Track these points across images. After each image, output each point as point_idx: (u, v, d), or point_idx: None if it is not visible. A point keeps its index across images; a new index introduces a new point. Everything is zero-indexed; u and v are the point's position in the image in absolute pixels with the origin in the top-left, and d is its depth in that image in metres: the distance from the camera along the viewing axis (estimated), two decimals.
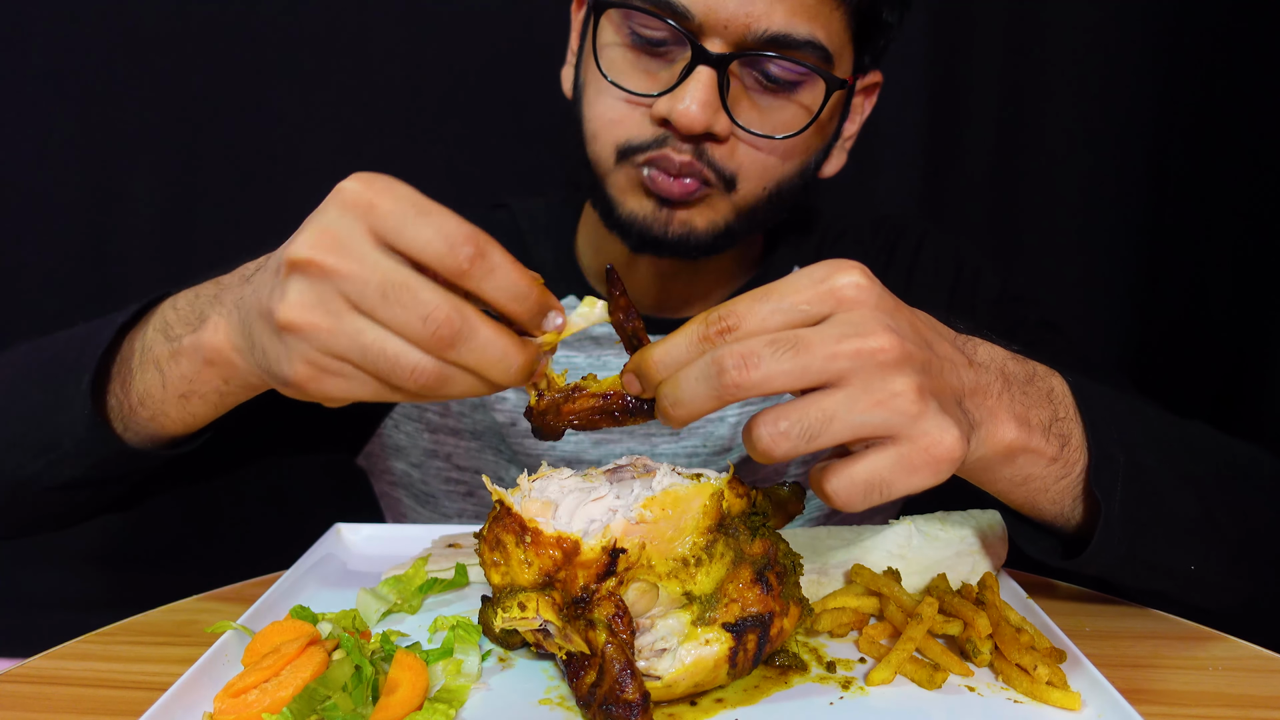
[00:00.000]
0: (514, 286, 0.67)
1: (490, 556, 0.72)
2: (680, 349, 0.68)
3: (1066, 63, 1.73)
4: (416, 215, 0.65)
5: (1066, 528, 0.87)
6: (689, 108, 0.96)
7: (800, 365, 0.64)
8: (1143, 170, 1.75)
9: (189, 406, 0.86)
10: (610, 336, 1.23)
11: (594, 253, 1.25)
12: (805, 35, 0.97)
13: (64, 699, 0.77)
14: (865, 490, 0.66)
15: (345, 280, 0.64)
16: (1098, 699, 0.72)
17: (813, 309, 0.66)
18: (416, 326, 0.63)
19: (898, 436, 0.65)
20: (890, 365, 0.65)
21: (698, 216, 1.05)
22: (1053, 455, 0.80)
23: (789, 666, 0.79)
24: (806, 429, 0.64)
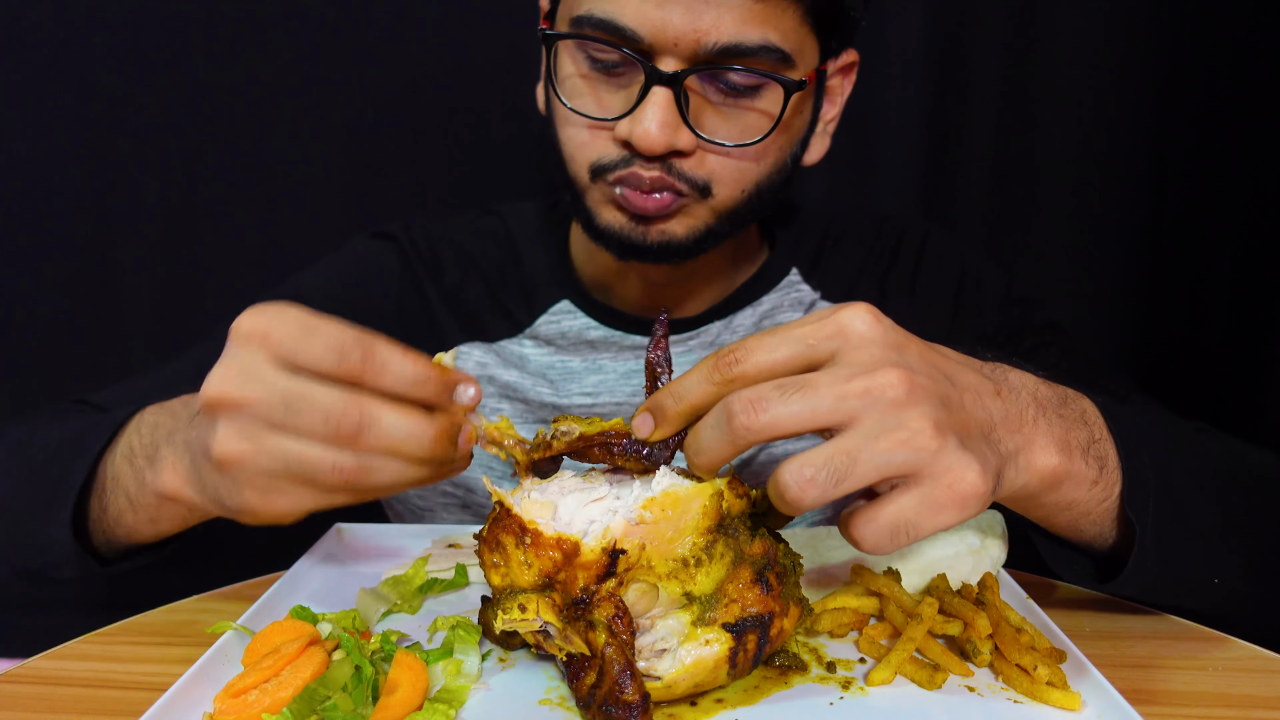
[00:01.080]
0: (410, 375, 0.70)
1: (490, 558, 0.72)
2: (691, 384, 0.69)
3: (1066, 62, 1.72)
4: (304, 334, 0.69)
5: (1103, 549, 0.88)
6: (648, 129, 0.96)
7: (809, 406, 0.64)
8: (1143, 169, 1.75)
9: (159, 528, 0.91)
10: (606, 340, 1.22)
11: (588, 257, 1.25)
12: (758, 41, 0.96)
13: (64, 699, 0.77)
14: (892, 533, 0.65)
15: (255, 406, 0.69)
16: (1098, 699, 0.72)
17: (820, 345, 0.67)
18: (321, 427, 0.67)
19: (920, 475, 0.65)
20: (902, 402, 0.64)
21: (676, 224, 1.05)
22: (1094, 479, 0.80)
23: (789, 666, 0.79)
24: (833, 473, 0.63)
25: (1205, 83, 1.68)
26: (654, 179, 1.01)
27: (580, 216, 1.09)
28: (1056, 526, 0.85)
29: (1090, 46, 1.71)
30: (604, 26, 0.97)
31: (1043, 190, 1.78)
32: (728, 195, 1.05)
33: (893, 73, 1.72)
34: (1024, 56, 1.73)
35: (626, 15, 0.95)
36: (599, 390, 1.21)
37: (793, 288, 1.27)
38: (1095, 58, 1.72)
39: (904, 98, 1.73)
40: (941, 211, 1.78)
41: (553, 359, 1.23)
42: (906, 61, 1.72)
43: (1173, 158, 1.73)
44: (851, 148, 1.74)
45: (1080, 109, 1.73)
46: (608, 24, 0.96)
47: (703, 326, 1.23)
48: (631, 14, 0.95)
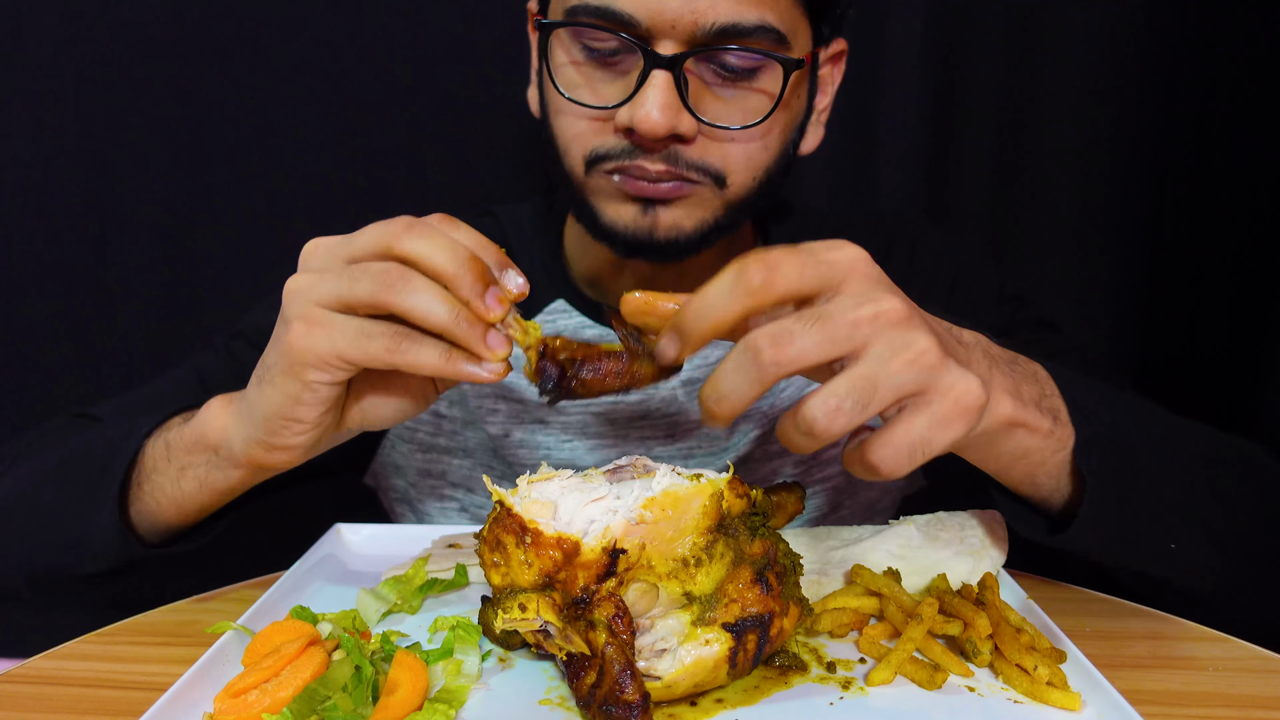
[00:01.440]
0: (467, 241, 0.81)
1: (490, 557, 0.72)
2: (718, 295, 0.69)
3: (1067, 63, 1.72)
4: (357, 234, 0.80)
5: (1058, 505, 0.89)
6: (649, 113, 0.95)
7: (828, 335, 0.66)
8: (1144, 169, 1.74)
9: (182, 483, 0.93)
10: (600, 339, 1.22)
11: (582, 255, 1.24)
12: (755, 21, 0.96)
13: (64, 699, 0.77)
14: (909, 453, 0.67)
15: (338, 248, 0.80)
16: (1098, 699, 0.72)
17: (835, 270, 0.69)
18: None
19: (927, 392, 0.67)
20: (905, 324, 0.67)
21: (685, 217, 1.05)
22: (1048, 429, 0.81)
23: (789, 667, 0.79)
24: (857, 400, 0.65)
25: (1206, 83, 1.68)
26: (660, 172, 1.01)
27: (582, 214, 1.09)
28: (1014, 480, 0.86)
29: (1090, 47, 1.71)
30: (600, 13, 0.96)
31: (1043, 191, 1.77)
32: (740, 183, 1.05)
33: (893, 73, 1.72)
34: (1024, 56, 1.72)
35: (621, 0, 0.95)
36: None
37: None
38: (1095, 58, 1.71)
39: (904, 98, 1.73)
40: (941, 212, 1.78)
41: None
42: (906, 61, 1.72)
43: (1173, 157, 1.72)
44: (851, 148, 1.74)
45: (1080, 109, 1.73)
46: (604, 10, 0.96)
47: None
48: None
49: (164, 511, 0.95)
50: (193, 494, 0.92)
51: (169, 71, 1.70)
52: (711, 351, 1.23)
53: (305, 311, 0.77)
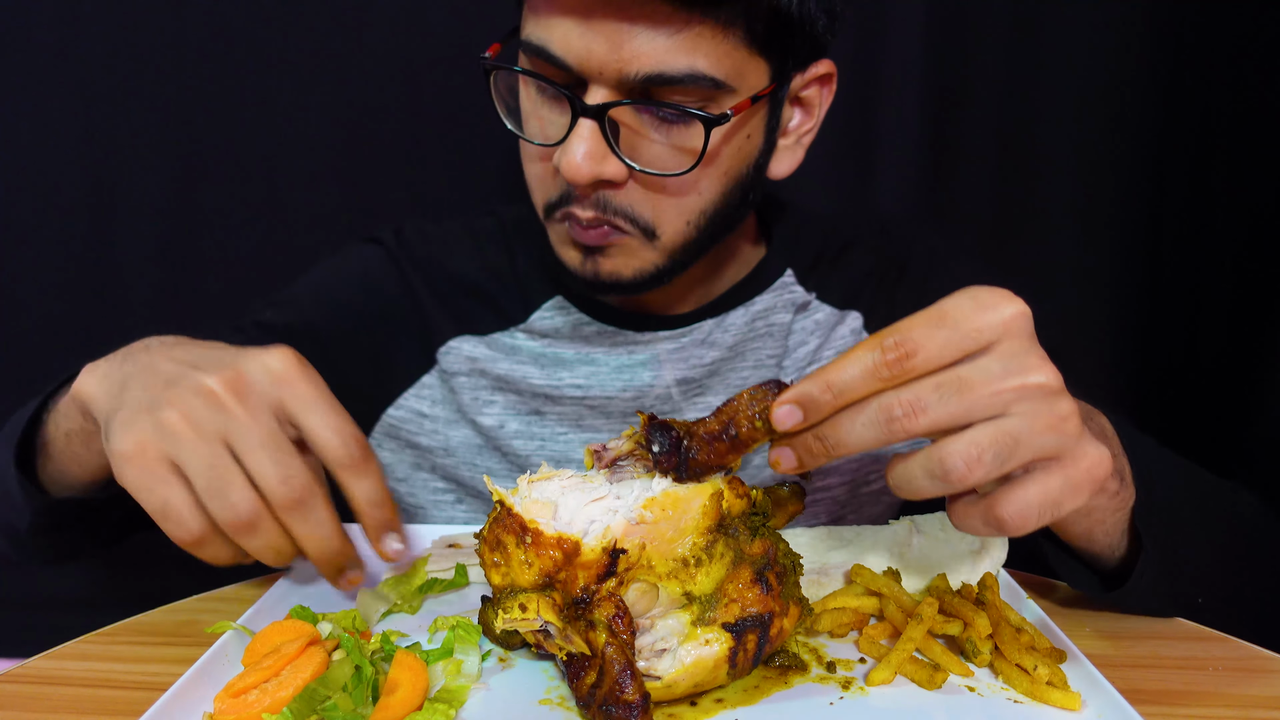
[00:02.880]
0: (379, 494, 0.79)
1: (490, 557, 0.72)
2: (854, 376, 0.68)
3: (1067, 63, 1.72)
4: (327, 408, 0.78)
5: (1110, 561, 0.91)
6: (572, 159, 0.94)
7: (965, 407, 0.67)
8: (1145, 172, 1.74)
9: (71, 447, 0.93)
10: (601, 334, 1.23)
11: None
12: (684, 69, 0.92)
13: (64, 699, 0.77)
14: (1039, 512, 0.68)
15: (234, 421, 0.75)
16: (1098, 699, 0.72)
17: (982, 336, 0.68)
18: (273, 479, 0.75)
19: (1061, 458, 0.68)
20: (1053, 392, 0.68)
21: (622, 266, 1.05)
22: (1115, 490, 0.83)
23: (789, 666, 0.79)
24: (999, 454, 0.66)
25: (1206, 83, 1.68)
26: (590, 219, 1.01)
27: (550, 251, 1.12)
28: (1071, 534, 0.87)
29: (1090, 47, 1.71)
30: (539, 54, 0.95)
31: (1043, 191, 1.77)
32: (674, 232, 1.03)
33: (893, 73, 1.72)
34: (1024, 57, 1.72)
35: (554, 43, 0.93)
36: (591, 381, 1.22)
37: (786, 289, 1.27)
38: (1095, 58, 1.71)
39: (904, 98, 1.73)
40: (941, 212, 1.78)
41: (545, 348, 1.23)
42: (906, 62, 1.72)
43: (1173, 157, 1.72)
44: (852, 150, 1.74)
45: (1080, 109, 1.73)
46: (542, 51, 0.95)
47: (695, 324, 1.23)
48: (559, 41, 0.93)
49: (70, 470, 0.96)
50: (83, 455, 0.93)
51: (169, 71, 1.70)
52: (706, 353, 1.22)
53: (146, 444, 0.75)
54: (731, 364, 1.24)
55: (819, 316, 1.28)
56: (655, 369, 1.22)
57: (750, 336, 1.24)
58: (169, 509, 0.75)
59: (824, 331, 1.27)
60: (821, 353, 1.27)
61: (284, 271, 1.33)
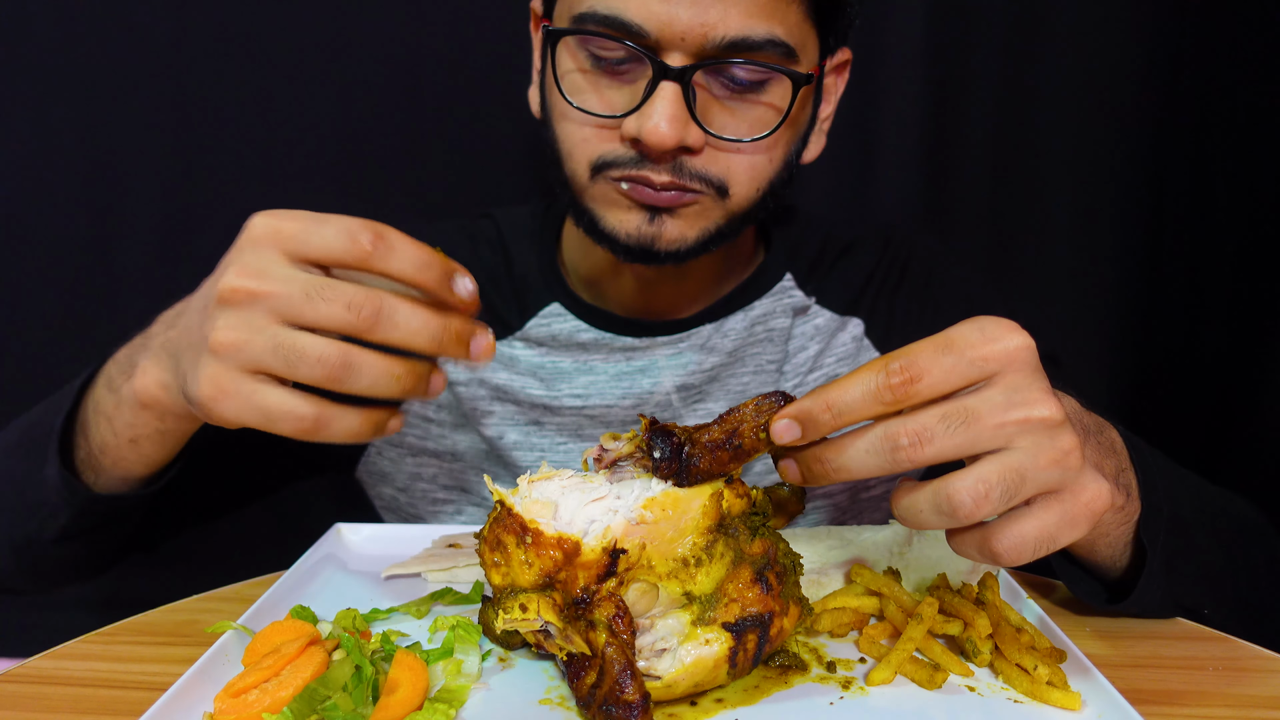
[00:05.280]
0: (416, 258, 0.73)
1: (491, 557, 0.72)
2: (855, 401, 0.68)
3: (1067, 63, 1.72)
4: (316, 224, 0.74)
5: (1113, 571, 0.92)
6: (657, 125, 0.95)
7: (970, 438, 0.67)
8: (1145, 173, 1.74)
9: (140, 449, 0.93)
10: (597, 343, 1.22)
11: (580, 259, 1.24)
12: (764, 35, 0.96)
13: (64, 699, 0.77)
14: (1035, 547, 0.69)
15: (270, 299, 0.72)
16: (1098, 699, 0.72)
17: (988, 366, 0.68)
18: (342, 314, 0.71)
19: (1061, 491, 0.69)
20: (1055, 426, 0.68)
21: (689, 228, 1.05)
22: (1120, 505, 0.84)
23: (789, 666, 0.79)
24: (1006, 489, 0.67)
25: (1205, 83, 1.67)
26: (665, 183, 1.00)
27: (582, 219, 1.08)
28: (1074, 546, 0.89)
29: (1090, 47, 1.71)
30: (609, 23, 0.96)
31: (1042, 192, 1.77)
32: (743, 194, 1.05)
33: (893, 76, 1.72)
34: (1024, 57, 1.72)
35: (632, 10, 0.95)
36: (589, 391, 1.21)
37: (785, 293, 1.27)
38: (1095, 58, 1.71)
39: (904, 101, 1.73)
40: (941, 213, 1.78)
41: (543, 359, 1.22)
42: (907, 64, 1.72)
43: (1173, 158, 1.72)
44: (851, 151, 1.74)
45: (1080, 110, 1.73)
46: (613, 20, 0.96)
47: (694, 329, 1.23)
48: (637, 9, 0.95)
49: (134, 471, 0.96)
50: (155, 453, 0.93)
51: (169, 71, 1.70)
52: (705, 359, 1.22)
53: (218, 374, 0.73)
54: (731, 369, 1.24)
55: (819, 321, 1.27)
56: (654, 376, 1.22)
57: (750, 341, 1.24)
58: (272, 410, 0.73)
59: (824, 338, 1.27)
60: (822, 359, 1.26)
61: None
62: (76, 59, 1.69)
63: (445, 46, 1.71)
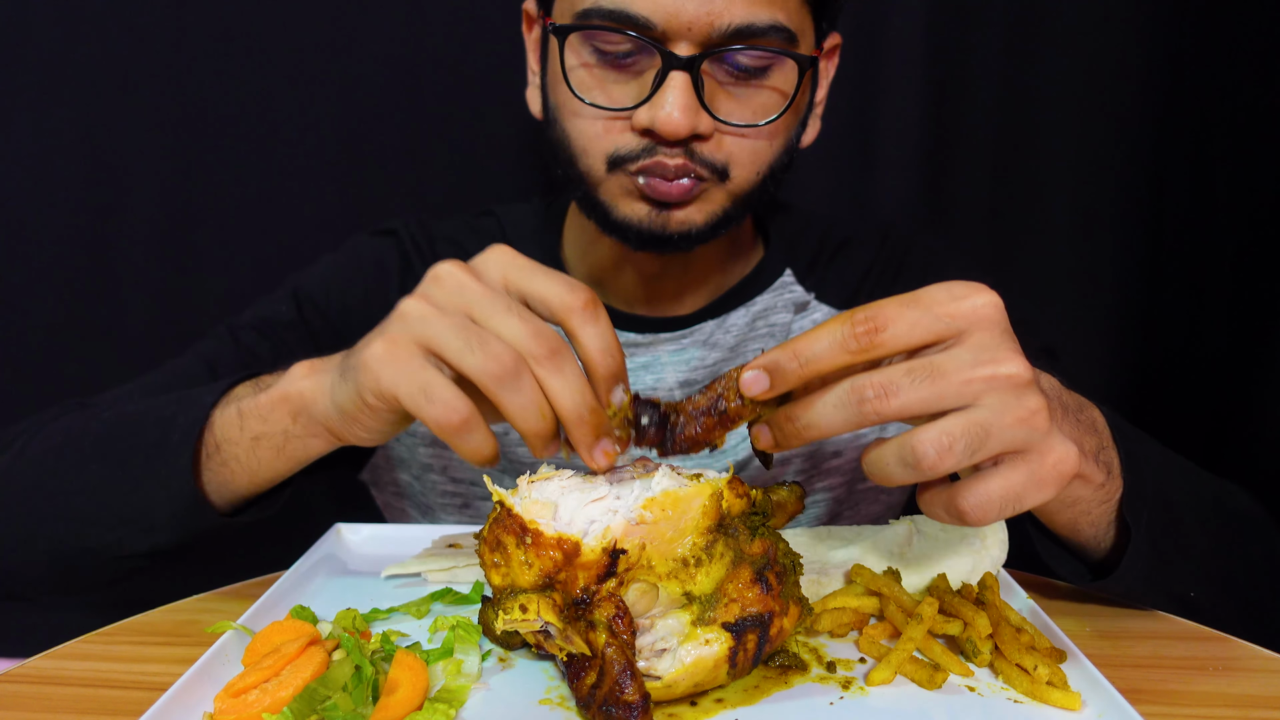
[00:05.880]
0: (611, 342, 0.73)
1: (491, 557, 0.72)
2: (822, 349, 0.69)
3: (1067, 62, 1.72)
4: (549, 272, 0.74)
5: (1097, 551, 0.91)
6: (670, 114, 0.97)
7: (936, 392, 0.66)
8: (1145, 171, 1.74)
9: (258, 453, 0.89)
10: None
11: (580, 256, 1.25)
12: (767, 21, 0.98)
13: (64, 699, 0.77)
14: (1000, 506, 0.68)
15: (472, 294, 0.72)
16: (1098, 699, 0.72)
17: (954, 324, 0.68)
18: (526, 337, 0.71)
19: (1028, 452, 0.68)
20: (1023, 385, 0.68)
21: (696, 213, 1.06)
22: (1101, 482, 0.83)
23: (789, 666, 0.79)
24: (969, 444, 0.66)
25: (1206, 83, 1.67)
26: (678, 166, 1.02)
27: (594, 211, 1.09)
28: (1056, 524, 0.88)
29: (1090, 47, 1.71)
30: (615, 16, 0.97)
31: (1043, 191, 1.77)
32: (744, 177, 1.06)
33: (893, 72, 1.72)
34: (1024, 57, 1.72)
35: (638, 3, 0.97)
36: None
37: (786, 289, 1.28)
38: (1095, 58, 1.71)
39: (904, 98, 1.73)
40: (941, 212, 1.78)
41: None
42: (907, 61, 1.72)
43: (1173, 157, 1.72)
44: (852, 147, 1.74)
45: (1080, 109, 1.73)
46: (619, 13, 0.97)
47: (696, 325, 1.23)
48: (643, 1, 0.96)
49: (236, 480, 0.92)
50: (269, 462, 0.90)
51: (169, 71, 1.70)
52: (708, 354, 1.22)
53: (397, 337, 0.73)
54: (733, 364, 1.24)
55: (817, 316, 1.28)
56: (657, 371, 1.22)
57: (751, 337, 1.24)
58: (431, 390, 0.71)
59: None
60: None
61: (284, 271, 1.33)
62: (76, 59, 1.69)
63: (445, 46, 1.71)
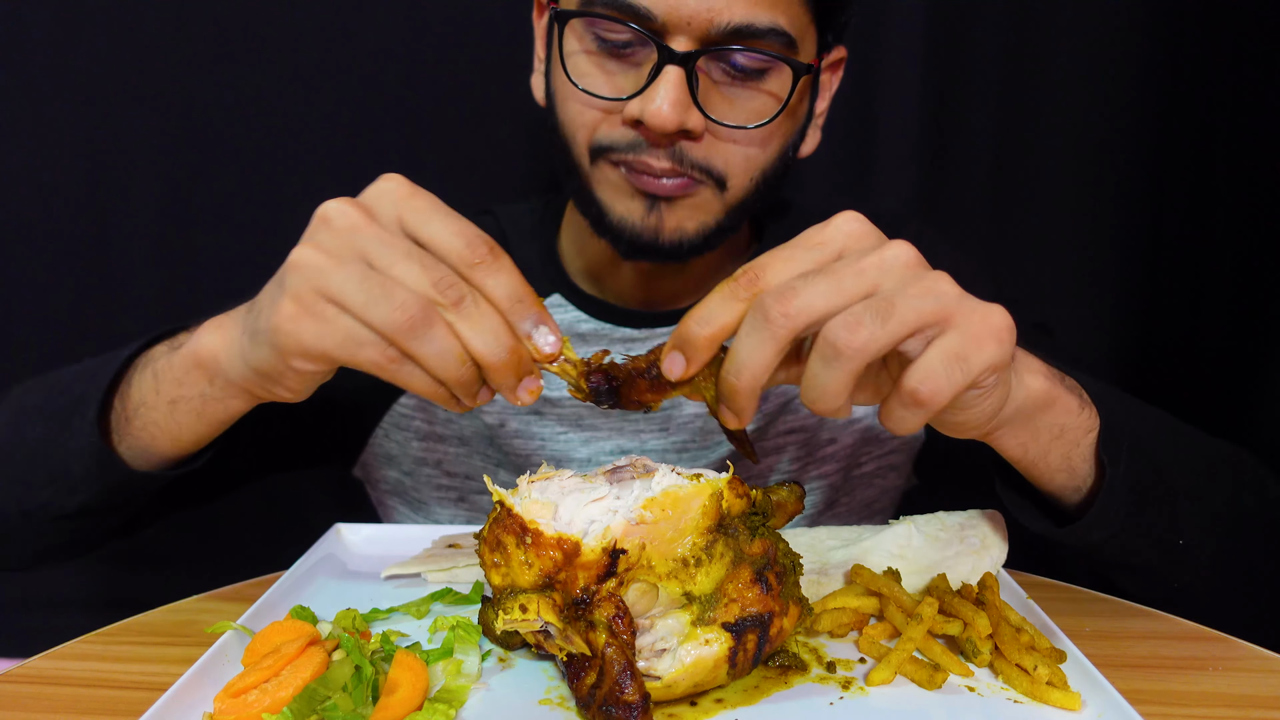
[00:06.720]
0: (516, 289, 0.71)
1: (491, 557, 0.72)
2: (714, 306, 0.70)
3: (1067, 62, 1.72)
4: (445, 215, 0.72)
5: (1079, 495, 0.90)
6: (660, 108, 0.96)
7: (834, 283, 0.67)
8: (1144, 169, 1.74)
9: (176, 416, 0.90)
10: (597, 333, 1.23)
11: (577, 252, 1.25)
12: (768, 24, 0.98)
13: (64, 699, 0.77)
14: (947, 371, 0.67)
15: (369, 236, 0.70)
16: (1098, 699, 0.72)
17: (827, 248, 0.70)
18: (427, 283, 0.68)
19: (952, 317, 0.67)
20: (915, 264, 0.69)
21: (689, 220, 1.06)
22: (1078, 407, 0.83)
23: (789, 666, 0.79)
24: (876, 314, 0.65)
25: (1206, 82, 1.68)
26: (665, 169, 1.01)
27: (589, 208, 1.09)
28: (1051, 464, 0.87)
29: (1090, 47, 1.71)
30: (616, 5, 0.97)
31: (1043, 191, 1.78)
32: (739, 185, 1.06)
33: (893, 73, 1.72)
34: (1024, 57, 1.72)
35: None
36: None
37: None
38: (1095, 58, 1.71)
39: (904, 98, 1.73)
40: (941, 211, 1.78)
41: None
42: (907, 62, 1.72)
43: (1173, 157, 1.72)
44: (852, 148, 1.74)
45: (1080, 109, 1.73)
46: (620, 2, 0.97)
47: None
48: None
49: (157, 444, 0.93)
50: (190, 425, 0.90)
51: (169, 71, 1.70)
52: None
53: (302, 294, 0.70)
54: None
55: None
56: None
57: None
58: (357, 334, 0.69)
59: None
60: None
61: None
62: (76, 59, 1.69)
63: (445, 46, 1.71)
